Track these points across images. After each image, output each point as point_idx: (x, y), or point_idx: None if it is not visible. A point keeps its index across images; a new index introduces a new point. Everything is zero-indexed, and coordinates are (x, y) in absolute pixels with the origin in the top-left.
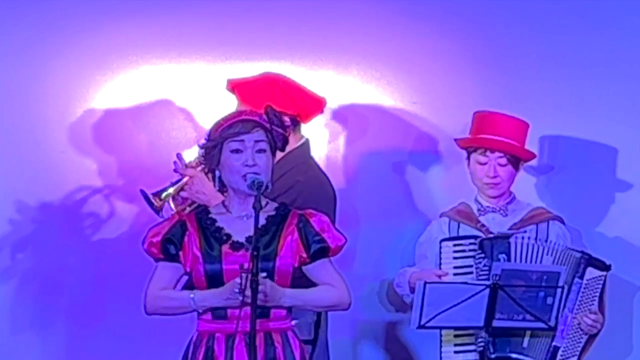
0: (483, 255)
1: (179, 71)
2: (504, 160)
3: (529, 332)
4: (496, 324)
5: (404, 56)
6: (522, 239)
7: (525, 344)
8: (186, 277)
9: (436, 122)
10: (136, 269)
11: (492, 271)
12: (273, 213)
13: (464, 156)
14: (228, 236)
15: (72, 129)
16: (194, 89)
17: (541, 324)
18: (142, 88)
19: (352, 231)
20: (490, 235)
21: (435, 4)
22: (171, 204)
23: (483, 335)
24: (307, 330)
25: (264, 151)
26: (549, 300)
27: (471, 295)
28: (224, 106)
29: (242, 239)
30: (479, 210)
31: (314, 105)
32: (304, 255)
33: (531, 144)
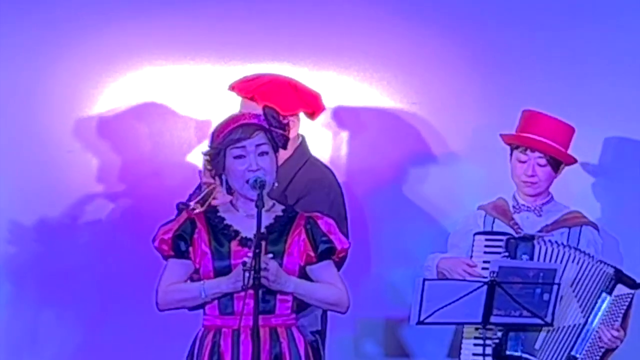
0: (507, 254)
1: (182, 73)
2: (543, 161)
3: (542, 334)
4: (494, 319)
5: (404, 57)
6: (546, 242)
7: (537, 345)
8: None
9: (436, 123)
10: (142, 266)
11: (490, 268)
12: (281, 214)
13: (463, 157)
14: (237, 233)
15: (78, 129)
16: (196, 90)
17: (538, 320)
18: (146, 89)
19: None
20: (518, 235)
21: (435, 5)
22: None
23: (497, 333)
24: (316, 321)
25: (266, 153)
26: (546, 296)
27: (469, 291)
28: (226, 107)
29: (250, 235)
30: (514, 207)
31: (319, 102)
32: (312, 254)
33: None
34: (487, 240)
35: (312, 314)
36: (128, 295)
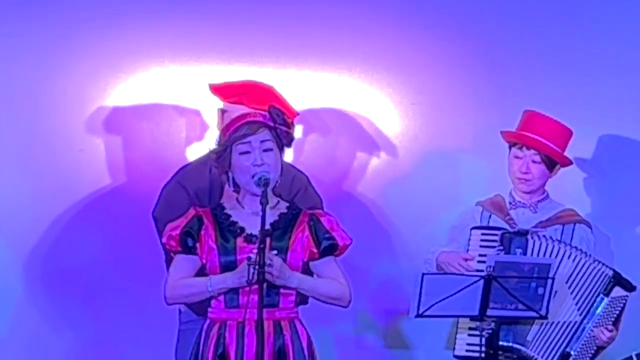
0: (502, 248)
1: (189, 73)
2: (537, 158)
3: (535, 327)
4: (490, 312)
5: (404, 57)
6: (540, 237)
7: (530, 337)
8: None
9: (436, 123)
10: (151, 263)
11: (487, 263)
12: (285, 211)
13: (461, 157)
14: (242, 229)
15: (88, 129)
16: (203, 90)
17: (533, 313)
18: (154, 89)
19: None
20: (513, 230)
21: (435, 6)
22: None
23: (490, 324)
24: None
25: (270, 150)
26: (540, 290)
27: (466, 285)
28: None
29: (255, 232)
30: (510, 203)
31: (293, 112)
32: (315, 251)
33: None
34: (483, 234)
35: None
36: (137, 289)
